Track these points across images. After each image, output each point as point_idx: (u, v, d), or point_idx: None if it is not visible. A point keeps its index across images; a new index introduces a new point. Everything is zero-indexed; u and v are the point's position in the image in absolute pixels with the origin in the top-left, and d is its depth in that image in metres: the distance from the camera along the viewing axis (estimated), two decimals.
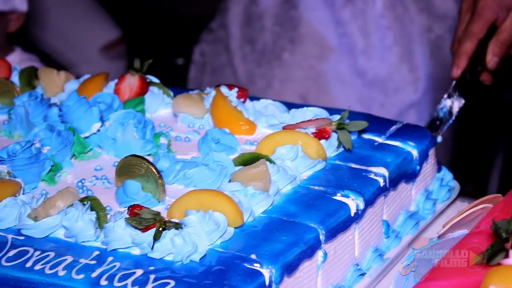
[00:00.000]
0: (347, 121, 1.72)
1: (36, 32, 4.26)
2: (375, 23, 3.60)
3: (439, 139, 2.06)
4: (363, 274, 1.59)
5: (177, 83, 3.31)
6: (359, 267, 1.60)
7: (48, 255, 1.42)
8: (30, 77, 2.04)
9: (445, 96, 2.14)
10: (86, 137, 1.76)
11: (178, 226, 1.40)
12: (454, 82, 2.13)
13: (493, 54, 2.10)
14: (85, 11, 4.51)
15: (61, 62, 4.27)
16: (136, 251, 1.41)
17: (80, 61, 4.35)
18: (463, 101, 2.12)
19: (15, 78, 2.06)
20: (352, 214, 1.56)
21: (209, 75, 3.86)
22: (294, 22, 3.59)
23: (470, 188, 3.62)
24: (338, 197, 1.57)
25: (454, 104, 2.11)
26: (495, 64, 2.10)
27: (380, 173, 1.66)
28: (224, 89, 1.86)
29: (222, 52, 3.78)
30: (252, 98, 1.90)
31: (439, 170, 1.90)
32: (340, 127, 1.71)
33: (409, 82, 3.62)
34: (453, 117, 2.13)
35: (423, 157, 1.79)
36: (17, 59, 3.00)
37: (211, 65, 3.86)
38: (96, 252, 1.42)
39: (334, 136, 1.71)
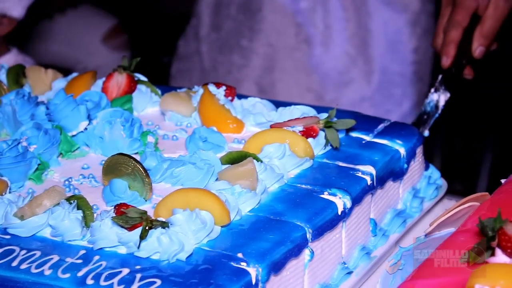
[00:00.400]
0: (335, 119, 1.72)
1: (41, 45, 4.27)
2: (335, 14, 3.63)
3: (426, 133, 2.08)
4: (350, 273, 1.60)
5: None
6: (346, 265, 1.60)
7: (34, 254, 1.42)
8: (17, 76, 2.04)
9: (432, 90, 2.15)
10: (73, 136, 1.76)
11: (164, 225, 1.40)
12: (440, 76, 2.15)
13: (478, 43, 2.12)
14: (78, 9, 4.53)
15: (65, 66, 4.30)
16: (122, 250, 1.41)
17: (85, 58, 4.36)
18: (448, 95, 2.14)
19: (2, 76, 2.06)
20: (339, 213, 1.56)
21: (179, 62, 3.90)
22: (255, 10, 3.62)
23: (459, 186, 3.63)
24: (325, 195, 1.57)
25: (440, 97, 2.13)
26: (481, 54, 2.12)
27: (367, 171, 1.66)
28: (212, 87, 1.86)
29: (193, 40, 3.83)
30: (240, 96, 1.90)
31: (426, 168, 1.91)
32: (328, 125, 1.71)
33: (363, 75, 3.66)
34: (439, 111, 2.14)
35: (411, 155, 1.80)
36: (12, 60, 2.99)
37: (182, 53, 3.92)
38: (82, 251, 1.42)
39: (321, 134, 1.71)
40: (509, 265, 1.25)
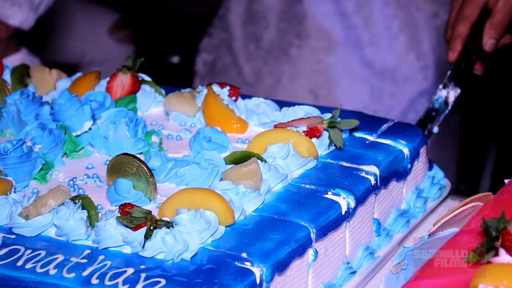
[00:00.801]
0: (339, 119, 1.73)
1: (48, 39, 4.28)
2: (379, 13, 3.62)
3: (436, 129, 2.09)
4: (354, 273, 1.60)
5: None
6: (350, 265, 1.60)
7: (39, 254, 1.42)
8: (22, 75, 2.04)
9: (440, 86, 2.15)
10: (77, 136, 1.77)
11: (169, 224, 1.40)
12: (449, 72, 2.14)
13: (489, 37, 2.10)
14: (83, 7, 4.55)
15: (72, 58, 4.31)
16: (127, 250, 1.41)
17: (91, 50, 4.38)
18: (458, 91, 2.13)
19: (7, 76, 2.06)
20: (343, 213, 1.56)
21: (216, 78, 3.87)
22: (300, 17, 3.60)
23: (463, 186, 3.62)
24: (329, 195, 1.57)
25: (449, 94, 2.12)
26: (491, 46, 2.10)
27: (371, 171, 1.66)
28: (216, 88, 1.87)
29: (226, 54, 3.80)
30: (244, 97, 1.91)
31: (430, 168, 1.91)
32: (332, 125, 1.71)
33: (418, 70, 3.63)
34: (449, 107, 2.13)
35: (414, 156, 1.80)
36: (20, 59, 3.00)
37: (216, 69, 3.88)
38: (87, 251, 1.42)
39: (325, 134, 1.72)
40: None
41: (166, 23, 5.50)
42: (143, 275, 1.34)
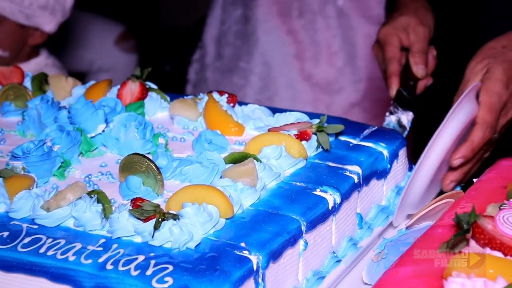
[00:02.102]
0: (326, 124, 1.73)
1: (72, 53, 4.29)
2: (323, 32, 3.67)
3: None
4: (339, 261, 1.60)
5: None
6: (335, 254, 1.60)
7: (59, 242, 1.43)
8: (41, 83, 2.04)
9: (387, 114, 2.13)
10: (92, 137, 1.76)
11: (175, 217, 1.41)
12: (392, 102, 2.13)
13: (416, 64, 2.11)
14: (92, 20, 4.55)
15: (81, 66, 4.31)
16: (138, 239, 1.42)
17: (99, 58, 4.37)
18: (411, 114, 2.12)
19: (27, 83, 2.06)
20: (330, 208, 1.57)
21: (192, 88, 4.01)
22: (250, 35, 3.69)
23: None
24: (317, 192, 1.58)
25: (401, 118, 2.11)
26: (423, 72, 2.11)
27: (354, 170, 1.67)
28: (215, 95, 1.87)
29: (200, 70, 3.94)
30: (241, 103, 1.91)
31: (410, 169, 1.90)
32: (319, 129, 1.71)
33: (351, 83, 3.67)
34: (407, 130, 2.11)
35: (393, 157, 1.80)
36: (42, 63, 3.00)
37: (194, 81, 4.01)
38: (102, 240, 1.43)
39: (314, 137, 1.72)
40: (482, 255, 1.26)
41: (161, 35, 5.53)
42: (152, 262, 1.35)
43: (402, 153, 1.84)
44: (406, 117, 2.12)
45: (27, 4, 2.85)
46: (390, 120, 2.11)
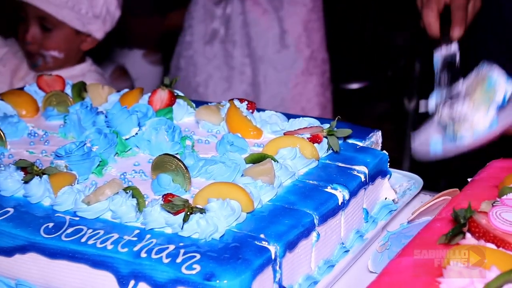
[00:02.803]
0: (335, 129, 1.73)
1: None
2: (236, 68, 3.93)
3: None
4: (347, 251, 1.61)
5: None
6: (344, 245, 1.61)
7: (98, 233, 1.44)
8: (80, 90, 2.05)
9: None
10: (126, 139, 1.77)
11: (202, 211, 1.41)
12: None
13: (454, 24, 2.04)
14: None
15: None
16: (168, 230, 1.42)
17: (130, 68, 4.41)
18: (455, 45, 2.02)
19: (68, 90, 2.08)
20: (339, 203, 1.57)
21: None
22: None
23: (432, 183, 3.60)
24: (328, 189, 1.58)
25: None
26: (458, 33, 2.03)
27: (361, 170, 1.67)
28: (236, 102, 1.87)
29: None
30: (259, 110, 1.91)
31: None
32: (330, 133, 1.72)
33: None
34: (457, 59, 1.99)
35: None
36: (86, 69, 3.01)
37: None
38: (137, 231, 1.43)
39: (325, 140, 1.72)
40: (477, 246, 1.27)
41: None
42: (181, 251, 1.35)
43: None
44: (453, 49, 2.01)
45: (84, 12, 2.89)
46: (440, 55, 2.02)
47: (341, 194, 1.58)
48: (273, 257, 1.38)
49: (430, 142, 1.94)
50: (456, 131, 1.89)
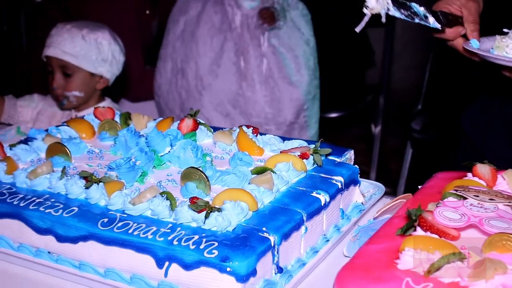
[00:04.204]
0: (319, 148, 1.74)
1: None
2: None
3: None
4: (328, 241, 1.62)
5: None
6: (325, 236, 1.62)
7: (141, 226, 1.45)
8: (126, 119, 2.06)
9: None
10: (161, 156, 1.78)
11: (219, 210, 1.43)
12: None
13: (471, 31, 1.79)
14: None
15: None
16: (194, 224, 1.44)
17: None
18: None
19: (117, 118, 2.08)
20: (322, 204, 1.58)
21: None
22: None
23: (389, 189, 3.56)
24: (314, 194, 1.59)
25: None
26: (476, 39, 1.78)
27: (338, 180, 1.67)
28: (244, 128, 1.87)
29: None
30: (261, 133, 1.90)
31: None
32: (315, 152, 1.73)
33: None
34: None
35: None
36: (106, 105, 2.98)
37: None
38: (170, 225, 1.45)
39: (311, 157, 1.73)
40: (425, 236, 1.29)
41: None
42: (204, 240, 1.37)
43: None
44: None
45: (94, 58, 2.89)
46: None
47: (323, 197, 1.59)
48: (272, 244, 1.40)
49: None
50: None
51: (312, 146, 1.77)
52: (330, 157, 1.79)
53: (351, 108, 4.52)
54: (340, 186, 1.66)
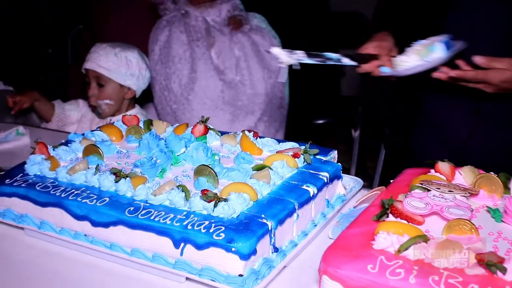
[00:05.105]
0: (308, 149, 1.74)
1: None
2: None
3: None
4: (315, 225, 1.61)
5: None
6: (314, 222, 1.61)
7: (161, 213, 1.45)
8: (148, 125, 2.05)
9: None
10: (178, 155, 1.78)
11: (225, 200, 1.43)
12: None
13: (384, 64, 1.85)
14: None
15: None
16: (204, 212, 1.44)
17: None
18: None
19: (141, 124, 2.07)
20: (311, 196, 1.57)
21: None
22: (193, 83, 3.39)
23: (366, 183, 3.50)
24: (304, 187, 1.58)
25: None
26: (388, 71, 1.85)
27: (324, 175, 1.67)
28: (246, 132, 1.86)
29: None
30: (260, 137, 1.89)
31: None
32: (305, 152, 1.72)
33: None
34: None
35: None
36: (135, 112, 2.97)
37: None
38: (185, 212, 1.44)
39: (302, 156, 1.72)
40: (396, 222, 1.30)
41: None
42: (213, 225, 1.37)
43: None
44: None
45: (123, 72, 2.89)
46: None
47: (312, 190, 1.58)
48: (269, 229, 1.40)
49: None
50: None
51: (303, 147, 1.77)
52: (318, 156, 1.78)
53: (334, 116, 4.55)
54: (325, 180, 1.65)
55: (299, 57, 1.66)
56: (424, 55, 1.75)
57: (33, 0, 4.47)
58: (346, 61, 1.75)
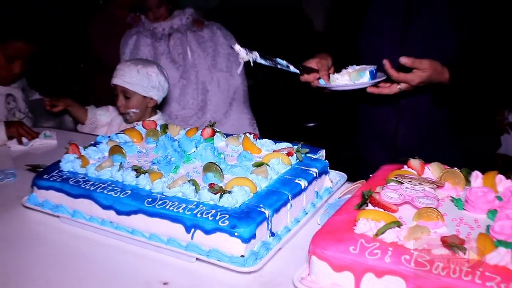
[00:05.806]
0: (300, 148, 1.73)
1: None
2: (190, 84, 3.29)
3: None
4: (306, 213, 1.60)
5: None
6: (305, 210, 1.61)
7: (175, 203, 1.45)
8: (164, 128, 2.04)
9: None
10: (189, 154, 1.77)
11: (229, 192, 1.43)
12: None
13: (322, 77, 1.91)
14: None
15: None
16: (211, 202, 1.44)
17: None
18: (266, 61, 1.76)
19: (158, 128, 2.06)
20: (302, 188, 1.57)
21: None
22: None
23: (350, 176, 3.44)
24: (297, 181, 1.58)
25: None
26: (324, 82, 1.90)
27: (314, 171, 1.66)
28: (247, 134, 1.86)
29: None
30: (260, 138, 1.88)
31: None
32: (297, 151, 1.72)
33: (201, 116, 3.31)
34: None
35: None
36: (156, 118, 2.97)
37: None
38: (195, 203, 1.44)
39: (295, 155, 1.72)
40: (374, 210, 1.30)
41: None
42: (219, 213, 1.37)
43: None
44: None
45: (146, 85, 2.86)
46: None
47: (303, 183, 1.58)
48: (267, 216, 1.40)
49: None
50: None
51: (295, 147, 1.76)
52: (308, 155, 1.78)
53: (322, 120, 4.55)
54: (315, 175, 1.65)
55: (255, 56, 1.70)
56: (354, 78, 1.81)
57: (33, 0, 4.32)
58: (292, 68, 1.79)
